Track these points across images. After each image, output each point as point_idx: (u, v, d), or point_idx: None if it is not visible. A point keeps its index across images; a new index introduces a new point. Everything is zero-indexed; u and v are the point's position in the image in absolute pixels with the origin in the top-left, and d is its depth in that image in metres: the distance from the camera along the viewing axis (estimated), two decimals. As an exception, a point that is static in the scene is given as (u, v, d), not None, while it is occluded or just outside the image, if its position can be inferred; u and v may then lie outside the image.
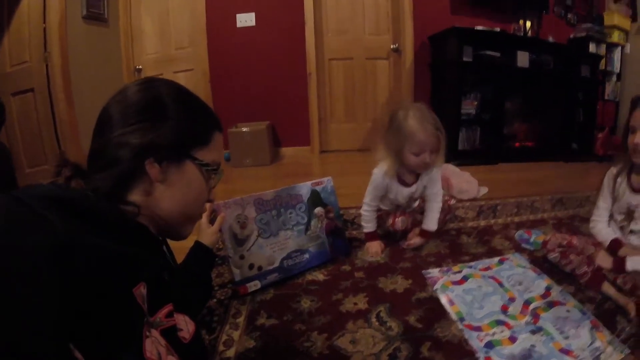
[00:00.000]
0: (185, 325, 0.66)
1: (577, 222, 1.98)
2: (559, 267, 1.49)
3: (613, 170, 1.45)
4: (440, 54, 3.51)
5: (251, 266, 1.36)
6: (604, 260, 1.38)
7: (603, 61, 3.92)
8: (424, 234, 1.68)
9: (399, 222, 1.70)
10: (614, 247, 1.41)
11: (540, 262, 1.57)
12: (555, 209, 2.24)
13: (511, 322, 1.23)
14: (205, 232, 1.19)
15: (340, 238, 1.63)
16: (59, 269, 0.41)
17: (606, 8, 4.05)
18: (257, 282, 1.36)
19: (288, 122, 3.54)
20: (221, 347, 1.08)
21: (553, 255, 1.51)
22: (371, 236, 1.67)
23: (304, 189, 1.54)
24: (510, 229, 1.91)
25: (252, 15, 3.44)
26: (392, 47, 3.65)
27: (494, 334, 1.17)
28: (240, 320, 1.20)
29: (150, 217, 0.65)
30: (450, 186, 2.28)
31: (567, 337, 1.17)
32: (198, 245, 1.17)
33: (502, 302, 1.33)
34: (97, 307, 0.45)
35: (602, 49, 3.91)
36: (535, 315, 1.26)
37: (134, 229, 0.60)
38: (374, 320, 1.21)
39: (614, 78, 4.07)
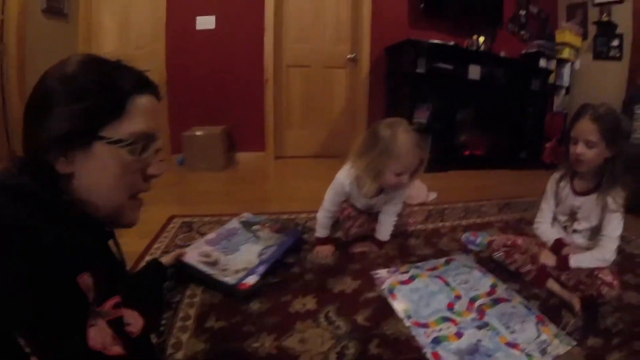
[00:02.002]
0: (134, 320, 0.64)
1: (523, 225, 2.08)
2: (504, 267, 1.55)
3: (556, 175, 1.53)
4: (395, 65, 3.61)
5: (237, 271, 1.37)
6: (548, 259, 1.44)
7: (553, 75, 4.15)
8: (378, 244, 1.70)
9: (353, 230, 1.72)
10: (557, 246, 1.47)
11: (486, 263, 1.63)
12: (502, 213, 2.33)
13: (457, 318, 1.27)
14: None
15: (288, 228, 1.73)
16: (4, 252, 0.42)
17: (558, 26, 4.30)
18: (253, 276, 1.34)
19: (244, 127, 3.51)
20: (170, 350, 1.05)
21: (498, 255, 1.57)
22: (323, 241, 1.66)
23: (233, 223, 1.72)
24: (457, 232, 1.97)
25: (213, 18, 3.41)
26: (349, 56, 3.71)
27: (440, 330, 1.20)
28: (189, 323, 1.17)
29: (91, 206, 0.62)
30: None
31: (513, 332, 1.21)
32: (153, 260, 1.26)
33: (448, 300, 1.36)
34: (40, 294, 0.45)
35: (553, 64, 4.15)
36: (481, 312, 1.31)
37: (78, 219, 0.59)
38: (322, 320, 1.21)
39: (563, 91, 4.31)
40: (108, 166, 0.62)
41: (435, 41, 3.45)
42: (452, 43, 3.54)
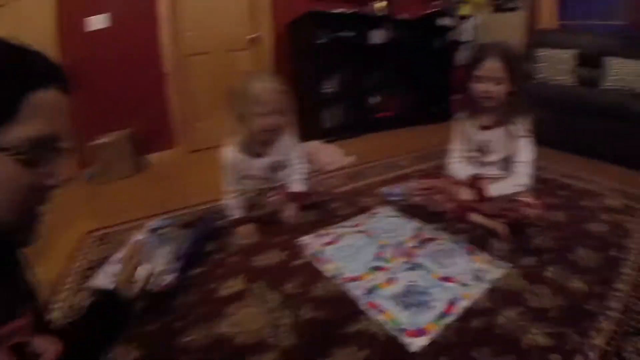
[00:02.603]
0: (46, 346, 0.57)
1: (440, 171, 2.15)
2: (427, 209, 1.60)
3: (460, 115, 1.59)
4: (298, 39, 3.57)
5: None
6: (467, 193, 1.50)
7: (456, 32, 4.33)
8: (293, 196, 1.66)
9: (271, 202, 1.69)
10: (473, 181, 1.52)
11: (408, 209, 1.67)
12: (418, 163, 2.42)
13: (387, 265, 1.30)
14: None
15: (200, 220, 1.70)
16: None
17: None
18: (170, 275, 1.25)
19: (152, 127, 3.30)
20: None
21: (419, 198, 1.61)
22: (240, 221, 1.60)
23: (140, 235, 1.50)
24: (377, 188, 1.99)
25: (104, 17, 3.13)
26: (251, 36, 3.61)
27: (372, 279, 1.22)
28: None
29: None
30: (316, 161, 2.30)
31: (445, 267, 1.27)
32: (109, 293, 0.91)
33: (375, 251, 1.39)
34: None
35: (454, 22, 4.33)
36: (411, 254, 1.35)
37: None
38: (251, 298, 1.18)
39: (466, 46, 4.53)
40: None
41: (337, 11, 3.46)
42: (352, 11, 3.57)
